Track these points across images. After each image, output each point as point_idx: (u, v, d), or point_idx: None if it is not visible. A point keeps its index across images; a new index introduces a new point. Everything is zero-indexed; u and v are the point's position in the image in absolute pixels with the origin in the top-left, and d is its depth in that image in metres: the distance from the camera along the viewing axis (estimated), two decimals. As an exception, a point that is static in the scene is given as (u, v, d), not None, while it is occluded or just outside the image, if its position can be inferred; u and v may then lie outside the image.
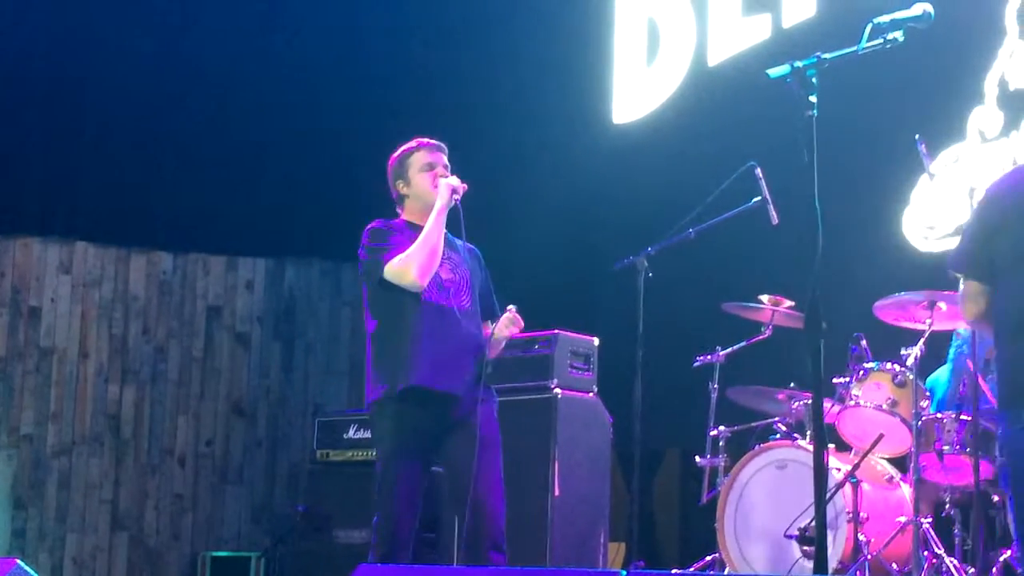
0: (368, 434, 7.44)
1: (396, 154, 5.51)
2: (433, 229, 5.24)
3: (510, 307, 5.39)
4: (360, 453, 7.65)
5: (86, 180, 9.10)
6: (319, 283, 9.74)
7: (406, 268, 5.17)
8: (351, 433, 7.74)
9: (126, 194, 9.12)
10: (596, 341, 7.15)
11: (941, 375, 6.62)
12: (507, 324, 5.36)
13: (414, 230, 5.32)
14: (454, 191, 5.31)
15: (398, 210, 5.51)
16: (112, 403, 9.08)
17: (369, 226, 5.36)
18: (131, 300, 9.20)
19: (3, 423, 8.77)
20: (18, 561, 4.54)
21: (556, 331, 6.99)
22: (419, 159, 5.44)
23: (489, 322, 5.45)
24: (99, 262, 9.18)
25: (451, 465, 5.23)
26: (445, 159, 5.49)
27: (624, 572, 3.16)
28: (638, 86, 8.90)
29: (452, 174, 5.43)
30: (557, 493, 6.64)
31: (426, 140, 5.52)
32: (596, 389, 7.07)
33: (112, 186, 9.11)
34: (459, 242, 5.47)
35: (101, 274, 9.17)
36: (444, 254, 5.32)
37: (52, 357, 8.98)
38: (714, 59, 8.49)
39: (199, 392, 9.34)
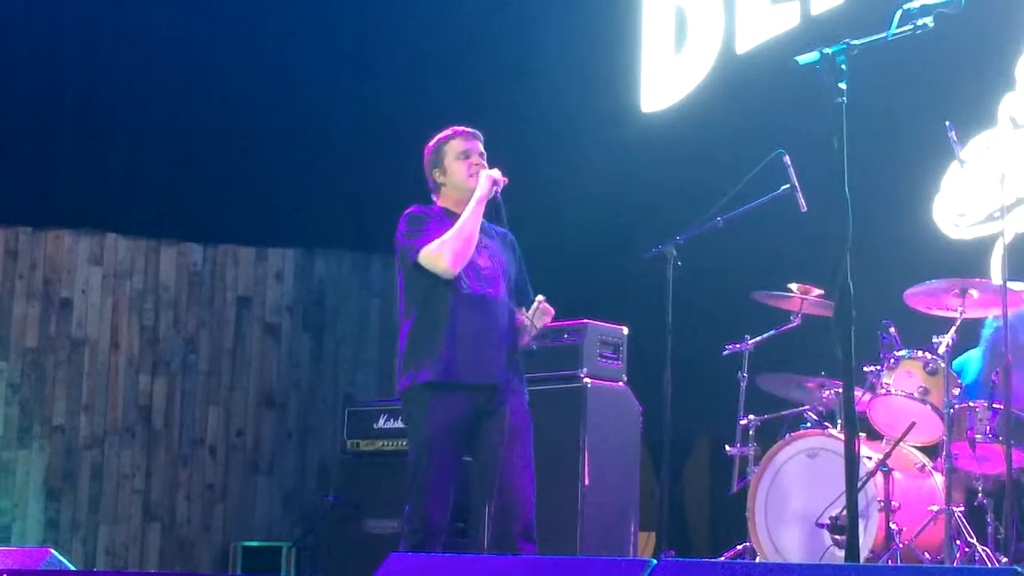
0: (398, 424, 7.46)
1: (432, 142, 5.50)
2: (470, 218, 5.23)
3: (539, 297, 5.37)
4: (390, 443, 7.66)
5: (117, 172, 9.14)
6: (348, 274, 9.75)
7: (440, 254, 5.16)
8: (381, 423, 7.75)
9: (156, 186, 9.16)
10: (625, 330, 7.15)
11: (971, 356, 6.58)
12: (540, 314, 5.32)
13: (451, 217, 5.32)
14: (495, 183, 5.31)
15: (434, 198, 5.49)
16: (143, 394, 9.12)
17: (407, 211, 5.35)
18: (162, 291, 9.23)
19: (36, 414, 8.82)
20: (51, 550, 4.58)
21: (585, 321, 6.99)
22: (455, 147, 5.43)
23: (523, 308, 5.43)
24: (130, 254, 9.22)
25: (481, 454, 5.23)
26: (481, 147, 5.48)
27: (654, 561, 3.16)
28: (666, 74, 8.88)
29: (491, 165, 5.41)
30: (587, 482, 6.64)
31: (461, 128, 5.50)
32: (625, 378, 7.06)
33: (142, 178, 9.15)
34: (494, 230, 5.47)
35: (132, 266, 9.21)
36: (482, 242, 5.31)
37: (84, 348, 9.02)
38: (742, 47, 8.46)
39: (229, 383, 9.37)
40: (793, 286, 6.68)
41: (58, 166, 9.04)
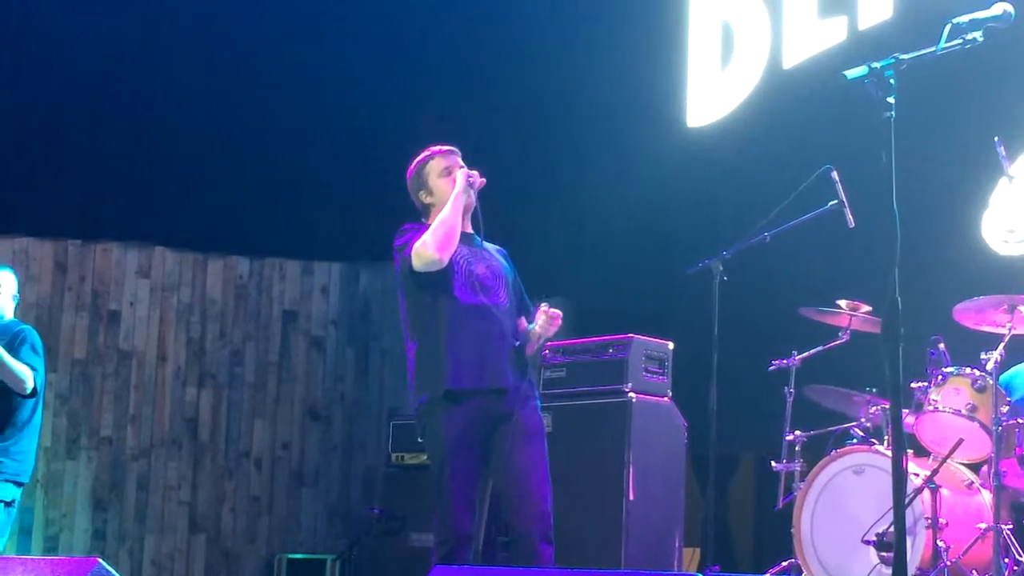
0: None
1: (411, 166, 5.60)
2: (449, 209, 5.31)
3: (543, 306, 5.37)
4: (435, 456, 7.66)
5: (165, 186, 9.21)
6: (393, 287, 9.71)
7: (423, 246, 5.23)
8: (426, 436, 7.75)
9: (204, 200, 9.23)
10: (671, 345, 7.14)
11: (1020, 372, 6.52)
12: (547, 322, 5.34)
13: None
14: (469, 176, 5.39)
15: (424, 220, 5.54)
16: (190, 406, 9.18)
17: (399, 228, 5.46)
18: (208, 304, 9.29)
19: (83, 425, 8.89)
20: (99, 560, 4.60)
21: (630, 335, 6.98)
22: (436, 166, 5.53)
23: (524, 318, 5.49)
24: (177, 267, 9.28)
25: (497, 458, 5.24)
26: (460, 162, 5.55)
27: (700, 575, 3.15)
28: (713, 89, 8.86)
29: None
30: (632, 497, 6.63)
31: (438, 147, 5.59)
32: (671, 393, 7.05)
33: (190, 192, 9.23)
34: (487, 243, 5.53)
35: (179, 278, 9.28)
36: (475, 253, 5.40)
37: (131, 360, 9.09)
38: (789, 62, 8.43)
39: (275, 395, 9.42)
40: (842, 302, 6.64)
41: (107, 180, 9.12)
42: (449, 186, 5.44)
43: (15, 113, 8.95)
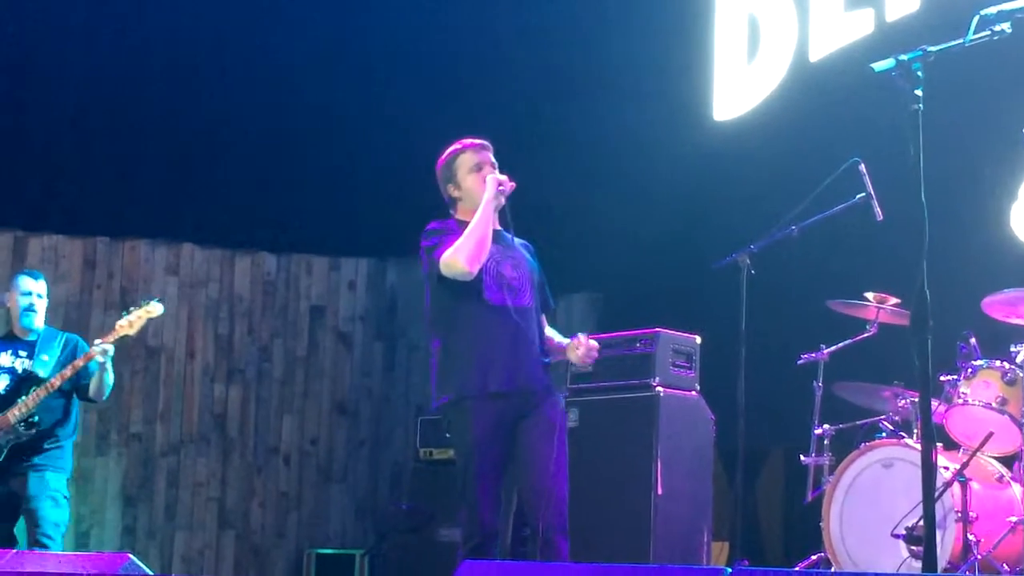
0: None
1: (442, 157, 5.58)
2: (480, 220, 5.27)
3: (582, 336, 5.36)
4: (463, 451, 7.67)
5: (192, 183, 9.24)
6: (421, 283, 9.74)
7: (455, 258, 5.21)
8: (454, 432, 7.76)
9: (231, 197, 9.26)
10: (698, 339, 7.13)
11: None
12: (585, 354, 5.34)
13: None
14: (500, 184, 5.35)
15: (451, 212, 5.55)
16: (218, 402, 9.21)
17: (425, 228, 5.44)
18: (236, 300, 9.33)
19: (113, 422, 8.94)
20: (130, 555, 4.63)
21: (658, 329, 6.97)
22: (466, 161, 5.50)
23: (545, 316, 5.50)
24: (205, 263, 9.32)
25: (520, 452, 5.25)
26: (491, 157, 5.52)
27: (729, 570, 3.15)
28: (739, 83, 8.84)
29: (503, 172, 5.45)
30: (660, 491, 6.62)
31: (469, 141, 5.56)
32: (698, 387, 7.04)
33: (217, 189, 9.25)
34: (514, 240, 5.52)
35: (207, 275, 9.32)
36: (504, 252, 5.39)
37: (160, 357, 9.13)
38: (816, 54, 8.40)
39: (303, 391, 9.44)
40: (869, 295, 6.62)
41: (135, 177, 9.16)
42: (478, 184, 5.42)
43: (44, 112, 8.99)
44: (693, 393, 7.00)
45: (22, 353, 6.91)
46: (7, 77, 9.00)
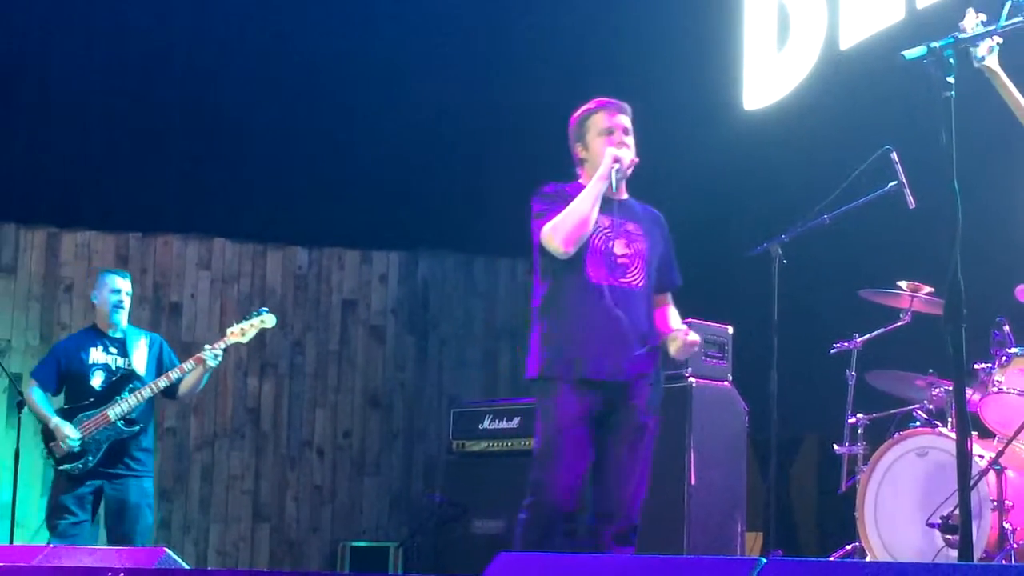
0: (504, 424, 7.53)
1: (576, 114, 5.30)
2: (585, 197, 5.01)
3: (683, 329, 5.13)
4: (496, 443, 7.69)
5: (224, 178, 9.27)
6: (452, 275, 9.80)
7: (552, 236, 4.98)
8: (487, 424, 7.78)
9: (262, 191, 9.29)
10: (730, 329, 7.11)
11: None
12: (684, 349, 5.09)
13: None
14: (616, 160, 5.08)
15: (578, 171, 5.28)
16: (252, 396, 9.24)
17: (540, 189, 5.18)
18: (268, 294, 9.35)
19: (147, 417, 8.97)
20: (166, 550, 4.66)
21: (690, 320, 6.94)
22: (597, 122, 5.21)
23: (667, 296, 5.30)
24: (237, 258, 9.35)
25: (602, 448, 5.04)
26: (626, 121, 5.25)
27: (763, 560, 3.14)
28: (769, 72, 8.82)
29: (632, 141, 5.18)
30: (693, 482, 6.61)
31: (606, 100, 5.29)
32: (731, 377, 7.03)
33: (248, 183, 9.28)
34: (642, 210, 5.27)
35: (239, 269, 9.34)
36: (619, 227, 5.12)
37: (193, 351, 9.14)
38: (846, 42, 8.37)
39: (336, 384, 9.46)
40: (903, 283, 6.60)
41: (167, 173, 9.20)
42: (604, 151, 5.12)
43: (76, 108, 9.04)
44: (726, 383, 6.99)
45: (113, 350, 7.05)
46: (37, 76, 9.05)
